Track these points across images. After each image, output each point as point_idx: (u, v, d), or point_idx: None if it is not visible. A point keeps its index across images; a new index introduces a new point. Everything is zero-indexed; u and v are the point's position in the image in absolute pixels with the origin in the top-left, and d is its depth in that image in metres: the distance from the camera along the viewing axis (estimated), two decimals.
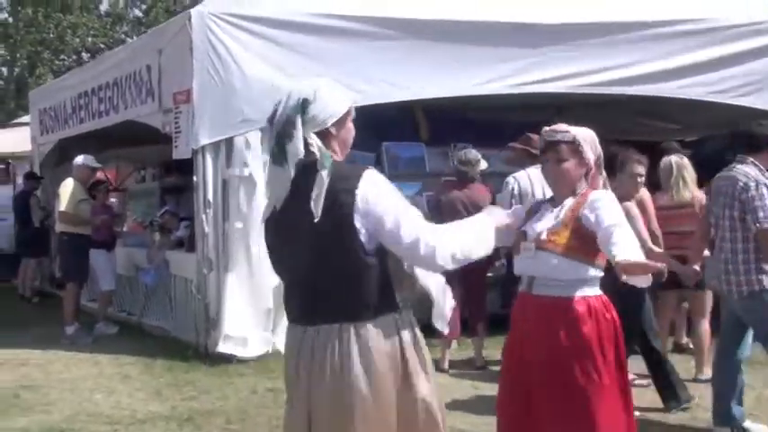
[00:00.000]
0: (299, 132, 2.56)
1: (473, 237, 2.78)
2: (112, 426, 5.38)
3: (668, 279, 5.06)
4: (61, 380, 6.70)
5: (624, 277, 2.97)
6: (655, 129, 10.56)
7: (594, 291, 3.20)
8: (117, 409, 5.76)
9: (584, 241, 3.12)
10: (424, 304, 2.81)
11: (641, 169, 5.31)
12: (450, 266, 2.66)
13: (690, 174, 6.36)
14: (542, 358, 3.15)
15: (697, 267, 4.98)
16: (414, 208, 2.65)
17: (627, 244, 2.99)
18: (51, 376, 6.83)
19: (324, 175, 2.53)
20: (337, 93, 2.67)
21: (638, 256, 2.96)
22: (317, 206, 2.52)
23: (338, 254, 2.58)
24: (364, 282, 2.58)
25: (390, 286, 2.62)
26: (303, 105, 2.58)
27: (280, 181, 2.61)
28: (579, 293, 3.16)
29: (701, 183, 6.48)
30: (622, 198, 5.23)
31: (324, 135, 2.61)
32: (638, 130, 10.41)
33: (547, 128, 3.31)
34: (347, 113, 2.69)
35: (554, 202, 3.30)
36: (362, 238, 2.56)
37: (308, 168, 2.55)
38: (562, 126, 3.30)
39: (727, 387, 4.86)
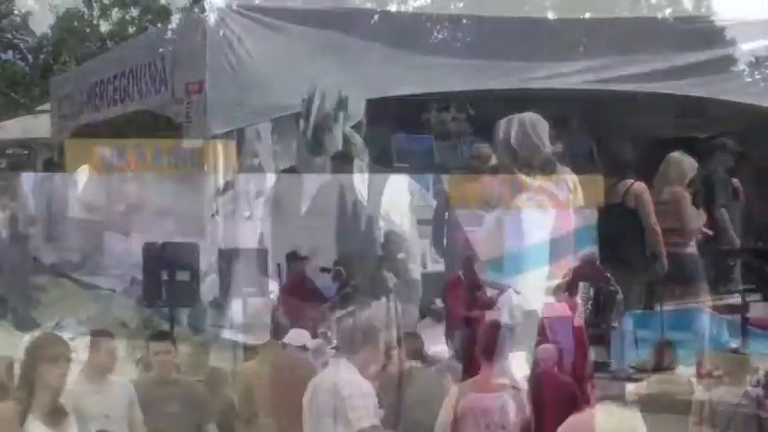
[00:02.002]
0: (339, 127, 2.69)
1: None
2: None
3: None
4: None
5: None
6: (690, 126, 10.32)
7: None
8: None
9: None
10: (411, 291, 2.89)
11: None
12: None
13: (674, 171, 6.31)
14: None
15: None
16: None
17: None
18: None
19: (364, 163, 2.68)
20: (361, 89, 2.79)
21: None
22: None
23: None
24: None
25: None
26: (344, 102, 2.69)
27: (316, 168, 2.75)
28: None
29: None
30: None
31: (358, 128, 2.75)
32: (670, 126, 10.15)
33: None
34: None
35: None
36: None
37: (345, 158, 2.70)
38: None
39: None
